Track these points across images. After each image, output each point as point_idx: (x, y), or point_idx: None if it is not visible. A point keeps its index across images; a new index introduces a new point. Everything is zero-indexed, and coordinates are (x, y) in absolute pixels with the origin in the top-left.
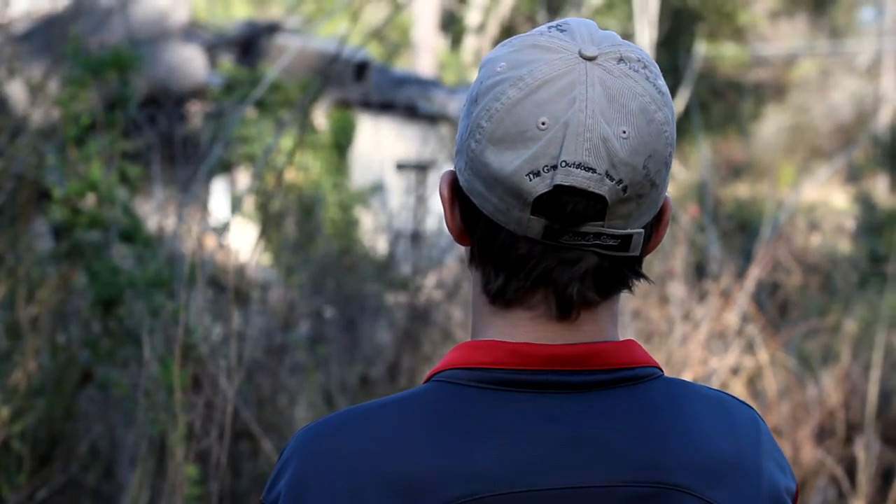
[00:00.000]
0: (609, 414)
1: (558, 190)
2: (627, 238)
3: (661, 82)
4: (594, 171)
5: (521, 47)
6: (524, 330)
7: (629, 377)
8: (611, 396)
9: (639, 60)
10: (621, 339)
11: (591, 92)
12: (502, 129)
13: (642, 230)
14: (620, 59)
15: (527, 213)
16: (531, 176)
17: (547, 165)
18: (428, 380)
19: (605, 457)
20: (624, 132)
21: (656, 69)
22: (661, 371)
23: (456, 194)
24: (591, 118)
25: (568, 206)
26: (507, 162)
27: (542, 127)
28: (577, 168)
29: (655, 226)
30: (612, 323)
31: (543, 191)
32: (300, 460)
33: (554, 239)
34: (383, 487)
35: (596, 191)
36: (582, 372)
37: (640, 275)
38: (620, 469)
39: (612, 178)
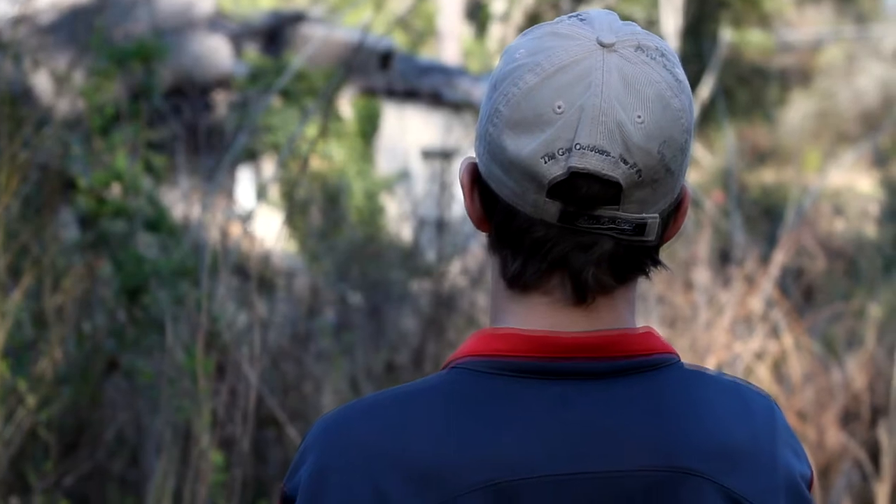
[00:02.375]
0: (626, 401)
1: (573, 173)
2: (643, 224)
3: (679, 71)
4: (608, 154)
5: (540, 35)
6: (541, 316)
7: (646, 364)
8: (628, 384)
9: (656, 49)
10: (639, 326)
11: (607, 78)
12: (519, 114)
13: (658, 216)
14: (638, 47)
15: (542, 196)
16: (546, 159)
17: (562, 149)
18: (446, 367)
19: (621, 443)
20: (639, 117)
21: (675, 58)
22: (678, 358)
23: (475, 180)
24: (607, 103)
25: (583, 190)
26: (523, 145)
27: (558, 111)
28: (591, 151)
29: (673, 214)
30: (630, 310)
31: (558, 174)
32: (321, 449)
33: (569, 222)
34: (403, 475)
35: (610, 174)
36: (599, 359)
37: (657, 262)
38: (637, 455)
39: (626, 162)
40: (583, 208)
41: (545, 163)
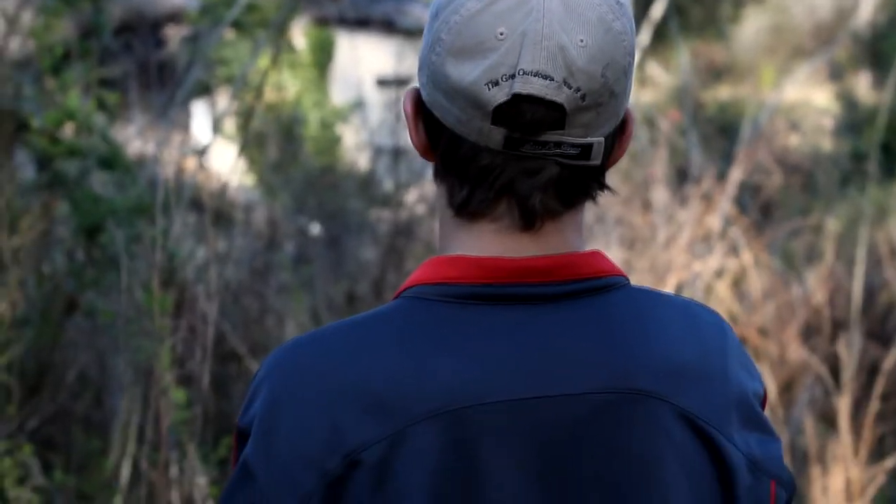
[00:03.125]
0: (576, 324)
1: (517, 98)
2: (588, 147)
3: None
4: (552, 78)
5: None
6: (490, 242)
7: (596, 287)
8: (578, 306)
9: None
10: (590, 248)
11: (548, 2)
12: (461, 41)
13: (603, 139)
14: None
15: (487, 122)
16: (490, 85)
17: (505, 75)
18: (398, 296)
19: (574, 365)
20: (581, 41)
21: None
22: (627, 280)
23: (419, 109)
24: (549, 27)
25: (527, 115)
26: (466, 72)
27: (500, 37)
28: (534, 76)
29: (618, 136)
30: (577, 234)
31: (502, 100)
32: (273, 381)
33: (515, 148)
34: (356, 405)
35: (554, 98)
36: (549, 284)
37: (603, 185)
38: (590, 377)
39: (569, 86)
40: (528, 134)
41: (489, 89)
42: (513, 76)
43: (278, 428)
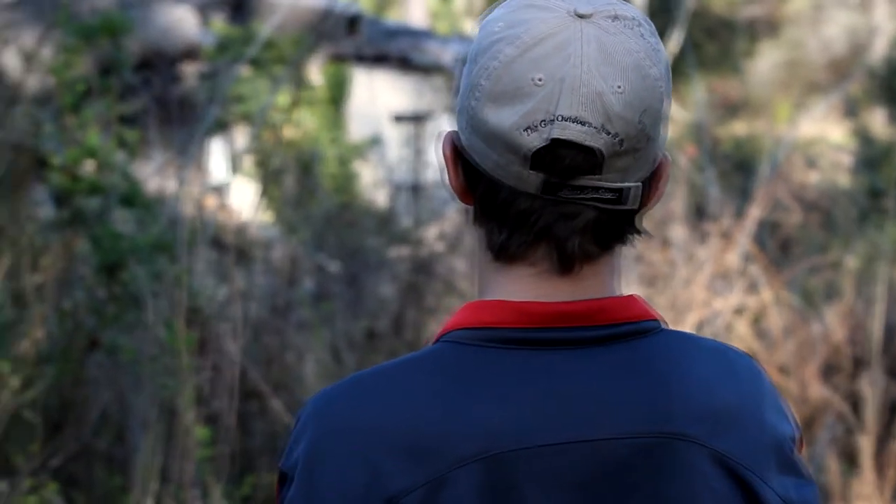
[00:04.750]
0: (615, 368)
1: (555, 144)
2: (625, 191)
3: (656, 39)
4: (589, 124)
5: (517, 7)
6: (528, 287)
7: (632, 331)
8: (615, 351)
9: (633, 18)
10: (624, 292)
11: (585, 49)
12: (500, 87)
13: (640, 184)
14: (615, 18)
15: (525, 167)
16: (528, 131)
17: (543, 120)
18: (437, 341)
19: (610, 410)
20: (619, 87)
21: (651, 27)
22: (663, 324)
23: (457, 153)
24: (586, 74)
25: (565, 160)
26: (504, 118)
27: (539, 83)
28: (572, 122)
29: (653, 181)
30: (614, 278)
31: (540, 145)
32: (315, 427)
33: (553, 193)
34: (396, 450)
35: (591, 144)
36: (586, 328)
37: (638, 229)
38: (626, 421)
39: (607, 132)
40: (565, 179)
41: (528, 135)
42: (551, 122)
43: (321, 474)
